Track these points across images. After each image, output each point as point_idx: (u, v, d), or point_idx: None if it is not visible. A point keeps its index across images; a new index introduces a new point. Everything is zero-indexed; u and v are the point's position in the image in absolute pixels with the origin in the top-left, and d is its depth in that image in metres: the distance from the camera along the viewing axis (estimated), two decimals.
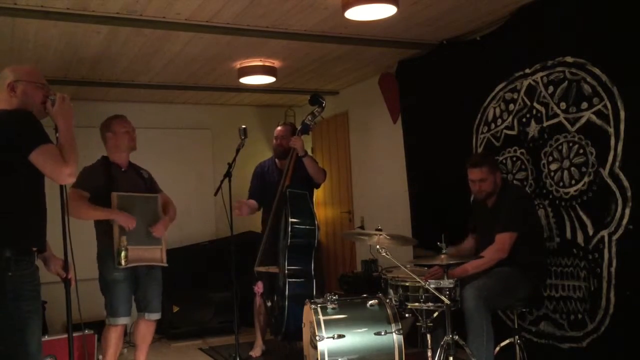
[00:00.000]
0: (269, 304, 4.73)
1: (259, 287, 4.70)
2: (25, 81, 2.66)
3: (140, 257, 3.87)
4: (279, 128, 4.96)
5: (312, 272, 4.55)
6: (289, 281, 4.43)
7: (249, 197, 4.96)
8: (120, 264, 3.76)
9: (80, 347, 3.90)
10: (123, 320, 3.92)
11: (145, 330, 4.09)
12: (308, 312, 3.57)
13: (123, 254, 3.74)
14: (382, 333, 3.38)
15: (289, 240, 4.44)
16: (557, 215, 3.92)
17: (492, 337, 3.41)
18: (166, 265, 4.03)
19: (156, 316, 4.08)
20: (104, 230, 3.88)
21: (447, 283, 3.33)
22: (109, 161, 4.01)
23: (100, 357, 4.34)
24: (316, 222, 4.59)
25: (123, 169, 4.04)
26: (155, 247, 3.97)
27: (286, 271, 4.45)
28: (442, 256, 3.35)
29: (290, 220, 4.44)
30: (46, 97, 2.68)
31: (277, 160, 4.97)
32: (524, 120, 4.15)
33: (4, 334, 2.44)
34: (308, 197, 4.69)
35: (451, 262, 3.32)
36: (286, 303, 4.37)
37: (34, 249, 2.60)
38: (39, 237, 2.66)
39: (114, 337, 3.93)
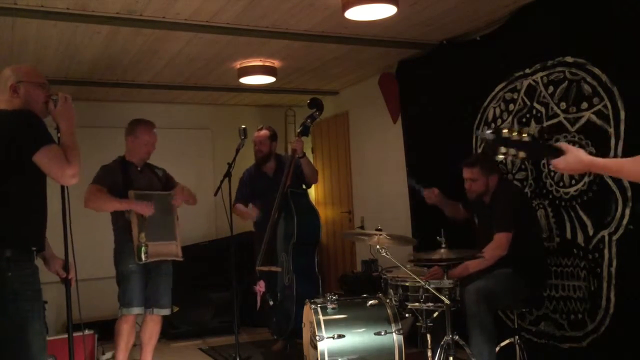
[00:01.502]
0: (271, 302, 4.73)
1: (260, 287, 4.71)
2: (27, 82, 2.65)
3: (160, 252, 4.03)
4: (255, 133, 4.97)
5: (316, 269, 4.61)
6: (296, 279, 4.45)
7: (235, 202, 4.95)
8: (140, 259, 3.91)
9: (80, 347, 3.91)
10: (136, 310, 4.02)
11: (153, 327, 4.14)
12: (308, 312, 3.57)
13: (143, 249, 3.91)
14: (382, 333, 3.38)
15: (295, 239, 4.48)
16: (557, 215, 3.92)
17: (493, 337, 3.42)
18: (182, 259, 4.15)
19: (165, 312, 4.16)
20: (121, 226, 4.04)
21: (447, 283, 3.33)
22: (126, 160, 4.17)
23: (102, 356, 4.35)
24: (319, 219, 4.71)
25: (139, 168, 4.18)
26: (171, 242, 4.10)
27: (292, 269, 4.47)
28: (442, 251, 3.36)
29: (296, 219, 4.50)
30: (48, 97, 2.68)
31: (260, 165, 4.98)
32: (524, 120, 4.15)
33: (5, 334, 2.43)
34: (307, 194, 4.77)
35: (451, 256, 3.32)
36: (294, 302, 4.40)
37: (34, 248, 2.59)
38: (39, 237, 2.65)
39: (125, 328, 4.00)
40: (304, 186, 4.92)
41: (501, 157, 2.14)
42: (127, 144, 4.19)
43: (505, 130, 2.12)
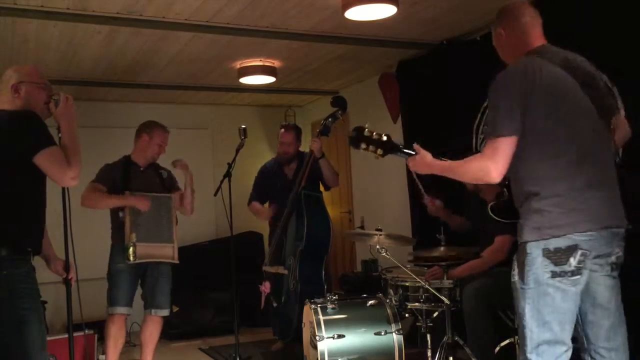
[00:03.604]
0: (274, 304, 4.71)
1: (265, 287, 4.65)
2: (28, 82, 2.65)
3: (150, 254, 4.00)
4: (283, 132, 4.85)
5: (323, 278, 4.53)
6: (301, 286, 4.41)
7: (252, 200, 4.94)
8: (128, 259, 3.89)
9: (80, 347, 3.92)
10: (121, 310, 3.98)
11: (152, 328, 4.12)
12: (308, 312, 3.57)
13: (131, 249, 3.89)
14: (382, 333, 3.39)
15: (303, 245, 4.42)
16: None
17: (492, 337, 3.42)
18: (177, 262, 4.11)
19: (163, 312, 4.12)
20: (118, 223, 4.04)
21: (447, 283, 3.33)
22: (130, 160, 4.17)
23: (102, 356, 4.35)
24: (331, 226, 4.59)
25: (141, 169, 4.18)
26: (167, 244, 4.08)
27: (298, 276, 4.43)
28: (442, 249, 3.36)
29: (307, 224, 4.41)
30: (49, 98, 2.68)
31: (281, 164, 4.93)
32: None
33: (2, 332, 2.44)
34: (322, 199, 4.68)
35: (450, 254, 3.33)
36: (297, 307, 4.32)
37: (29, 249, 2.59)
38: (35, 239, 2.65)
39: (112, 328, 3.98)
40: (321, 189, 4.83)
41: (363, 150, 2.52)
42: (140, 142, 4.16)
43: (366, 130, 2.50)
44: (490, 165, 2.22)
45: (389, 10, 3.75)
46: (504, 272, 3.53)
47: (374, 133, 2.49)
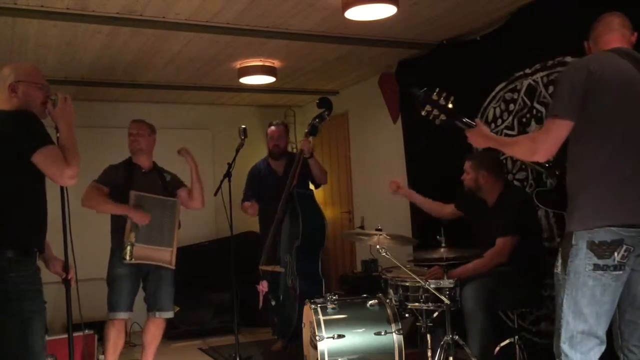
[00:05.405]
0: (273, 303, 4.72)
1: (263, 286, 4.68)
2: (26, 81, 2.64)
3: (148, 256, 3.97)
4: (272, 129, 4.98)
5: (320, 272, 4.58)
6: (300, 282, 4.43)
7: (244, 199, 4.95)
8: (124, 258, 3.86)
9: (80, 347, 3.91)
10: (121, 315, 3.96)
11: (155, 330, 4.11)
12: (308, 312, 3.57)
13: (128, 249, 3.86)
14: (382, 333, 3.38)
15: (299, 241, 4.46)
16: (557, 215, 3.91)
17: (492, 337, 3.41)
18: (173, 268, 4.08)
19: (167, 315, 4.13)
20: (118, 227, 3.99)
21: (447, 283, 3.33)
22: (132, 162, 4.17)
23: (102, 356, 4.35)
24: (325, 221, 4.67)
25: (144, 170, 4.17)
26: (166, 248, 4.04)
27: (295, 272, 4.45)
28: (442, 250, 3.35)
29: (302, 221, 4.47)
30: (47, 98, 2.67)
31: (270, 162, 4.98)
32: (524, 120, 4.15)
33: (8, 334, 2.44)
34: (314, 195, 4.75)
35: (450, 255, 3.32)
36: (297, 303, 4.36)
37: (35, 249, 2.59)
38: (39, 238, 2.65)
39: (112, 332, 3.97)
40: (311, 186, 4.91)
41: (424, 113, 2.66)
42: None
43: (435, 94, 2.60)
44: (539, 143, 2.31)
45: (389, 10, 3.75)
46: (503, 271, 3.54)
47: (442, 97, 2.56)
